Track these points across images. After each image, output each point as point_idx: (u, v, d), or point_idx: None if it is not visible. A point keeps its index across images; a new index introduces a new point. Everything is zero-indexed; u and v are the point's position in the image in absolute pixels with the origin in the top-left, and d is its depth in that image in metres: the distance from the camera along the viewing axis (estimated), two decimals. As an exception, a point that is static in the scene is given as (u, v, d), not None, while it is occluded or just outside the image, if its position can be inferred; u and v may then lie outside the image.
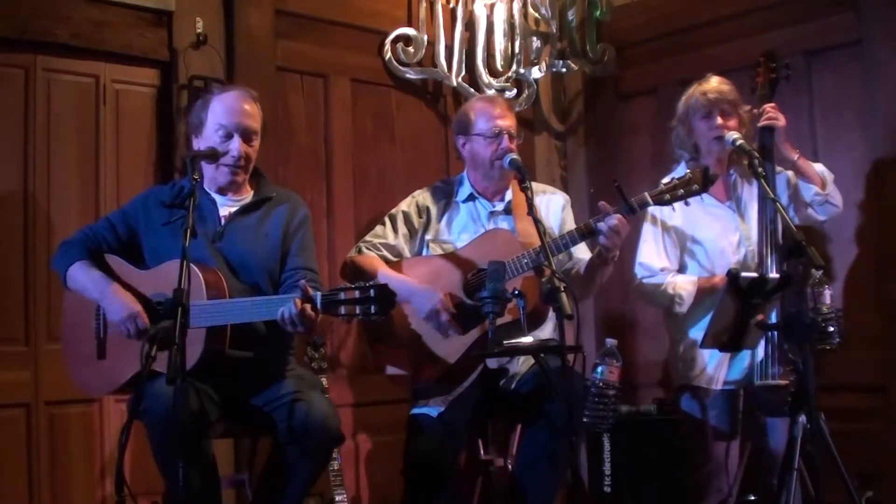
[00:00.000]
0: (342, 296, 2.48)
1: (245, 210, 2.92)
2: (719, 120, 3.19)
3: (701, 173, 2.88)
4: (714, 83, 3.26)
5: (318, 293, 2.53)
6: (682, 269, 3.32)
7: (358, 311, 2.47)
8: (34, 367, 3.38)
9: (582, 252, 3.22)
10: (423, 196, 3.36)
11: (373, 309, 2.46)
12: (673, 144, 3.36)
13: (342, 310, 2.49)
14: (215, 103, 2.89)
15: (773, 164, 3.20)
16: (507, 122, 3.22)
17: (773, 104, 3.22)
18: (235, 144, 2.84)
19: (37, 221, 3.43)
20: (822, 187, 3.19)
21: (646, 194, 2.91)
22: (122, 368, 2.76)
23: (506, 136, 3.19)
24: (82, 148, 3.55)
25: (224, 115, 2.86)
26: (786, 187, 3.27)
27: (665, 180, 2.95)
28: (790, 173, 3.28)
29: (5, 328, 3.37)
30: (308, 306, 2.53)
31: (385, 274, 3.10)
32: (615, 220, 2.87)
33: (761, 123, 3.19)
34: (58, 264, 2.89)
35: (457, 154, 3.42)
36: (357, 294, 2.47)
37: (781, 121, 3.18)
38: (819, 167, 3.25)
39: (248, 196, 2.97)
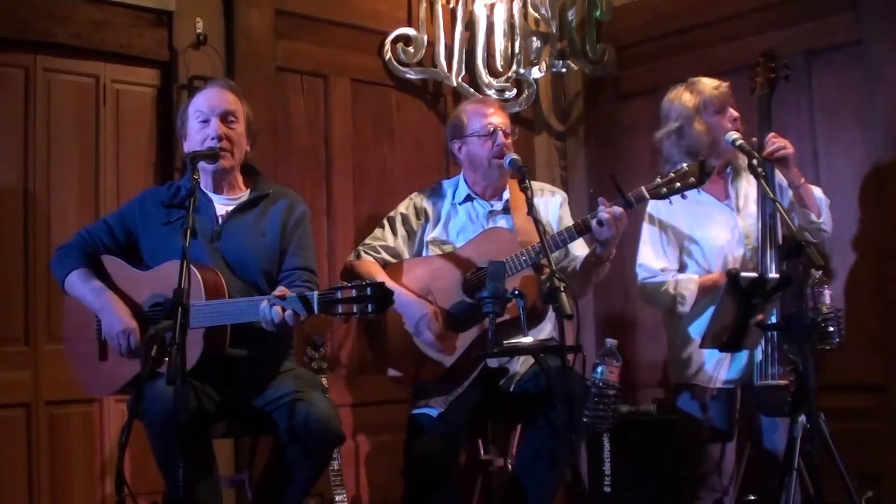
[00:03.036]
0: (339, 295, 2.48)
1: (242, 208, 2.92)
2: (734, 112, 3.19)
3: (697, 167, 2.87)
4: (712, 81, 3.26)
5: (315, 293, 2.53)
6: (681, 269, 3.32)
7: (355, 310, 2.47)
8: (34, 367, 3.39)
9: (579, 249, 3.22)
10: (420, 198, 3.37)
11: (370, 307, 2.45)
12: (671, 149, 3.27)
13: (339, 309, 2.48)
14: (194, 99, 2.94)
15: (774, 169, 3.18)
16: (500, 119, 3.24)
17: (773, 134, 3.13)
18: (213, 125, 2.84)
19: (37, 221, 3.43)
20: (817, 216, 3.16)
21: (642, 188, 2.91)
22: (122, 369, 2.76)
23: (500, 133, 3.21)
24: (82, 148, 3.55)
25: (200, 104, 2.90)
26: (787, 190, 3.26)
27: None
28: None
29: (5, 328, 3.37)
30: (289, 313, 2.53)
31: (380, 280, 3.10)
32: (616, 208, 2.87)
33: (773, 156, 3.09)
34: (56, 270, 2.89)
35: (453, 160, 3.43)
36: (354, 293, 2.46)
37: (790, 148, 3.10)
38: (818, 193, 3.21)
39: (244, 194, 2.97)
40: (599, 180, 4.55)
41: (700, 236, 3.27)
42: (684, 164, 2.90)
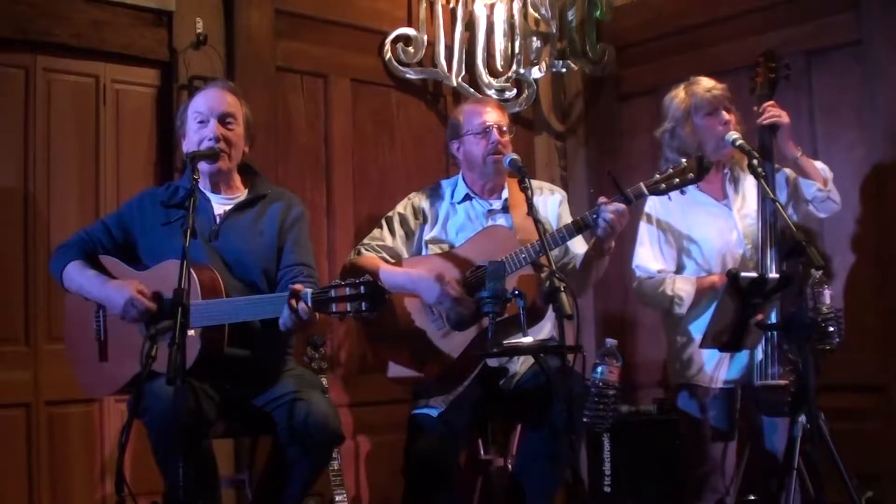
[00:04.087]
0: (333, 293, 2.48)
1: (240, 208, 2.92)
2: (725, 115, 3.19)
3: (696, 162, 2.88)
4: (710, 82, 3.26)
5: (309, 291, 2.52)
6: (679, 269, 3.31)
7: (349, 309, 2.46)
8: (34, 367, 3.39)
9: (578, 246, 3.22)
10: (418, 198, 3.37)
11: (363, 306, 2.44)
12: (665, 148, 3.31)
13: (333, 307, 2.48)
14: (193, 100, 2.94)
15: (773, 163, 3.20)
16: (495, 118, 3.25)
17: (772, 102, 3.21)
18: (211, 126, 2.84)
19: (37, 221, 3.44)
20: (823, 185, 3.18)
21: (641, 184, 2.92)
22: (122, 369, 2.76)
23: (495, 131, 3.21)
24: (82, 148, 3.55)
25: (199, 104, 2.89)
26: (784, 184, 3.27)
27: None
28: (788, 171, 3.27)
29: (5, 328, 3.37)
30: (302, 305, 2.52)
31: (385, 270, 3.10)
32: (618, 204, 2.88)
33: (764, 121, 3.16)
34: (54, 268, 2.89)
35: (453, 160, 3.44)
36: (348, 291, 2.46)
37: (785, 118, 3.16)
38: (819, 164, 3.24)
39: (242, 194, 2.98)
40: (599, 180, 4.55)
41: (698, 236, 3.27)
42: (683, 160, 2.92)
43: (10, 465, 3.31)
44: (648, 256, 3.32)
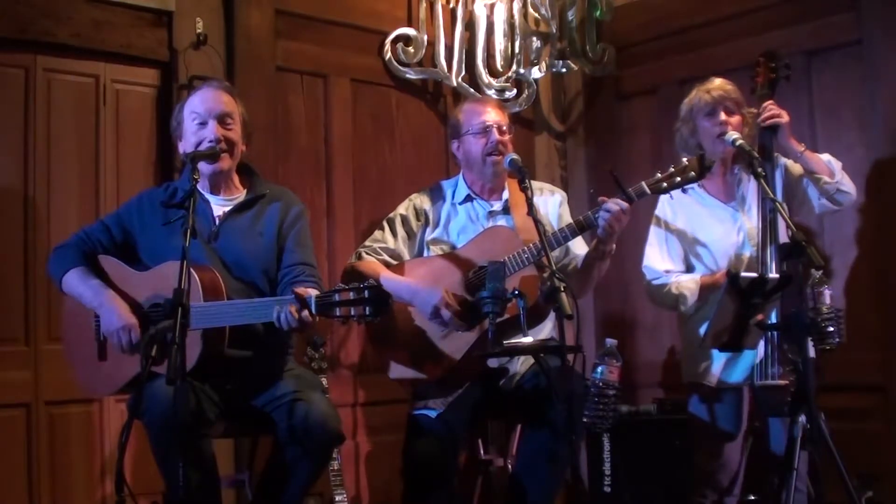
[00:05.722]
0: (337, 297, 2.48)
1: (239, 209, 2.91)
2: (723, 116, 3.20)
3: (697, 161, 2.89)
4: (717, 82, 3.27)
5: (313, 296, 2.52)
6: (689, 270, 3.33)
7: (353, 313, 2.46)
8: (34, 367, 3.39)
9: (579, 248, 3.23)
10: (420, 199, 3.37)
11: (367, 310, 2.45)
12: (677, 147, 3.36)
13: (337, 311, 2.48)
14: (189, 100, 2.93)
15: (774, 163, 3.20)
16: (495, 117, 3.25)
17: (771, 101, 3.21)
18: (210, 127, 2.83)
19: (37, 221, 3.44)
20: (830, 177, 3.18)
21: (643, 183, 2.93)
22: (122, 369, 2.76)
23: (494, 130, 3.22)
24: (82, 148, 3.55)
25: (196, 105, 2.88)
26: (782, 177, 3.26)
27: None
28: (787, 161, 3.27)
29: (5, 328, 3.37)
30: (305, 312, 2.52)
31: (386, 277, 3.10)
32: (622, 201, 2.88)
33: (765, 123, 3.17)
34: (53, 270, 2.88)
35: (454, 160, 3.44)
36: (352, 295, 2.46)
37: (784, 117, 3.17)
38: (825, 157, 3.23)
39: (240, 195, 2.97)
40: (599, 180, 4.55)
41: (706, 238, 3.28)
42: (684, 159, 2.93)
43: (10, 465, 3.31)
44: (656, 257, 3.34)
